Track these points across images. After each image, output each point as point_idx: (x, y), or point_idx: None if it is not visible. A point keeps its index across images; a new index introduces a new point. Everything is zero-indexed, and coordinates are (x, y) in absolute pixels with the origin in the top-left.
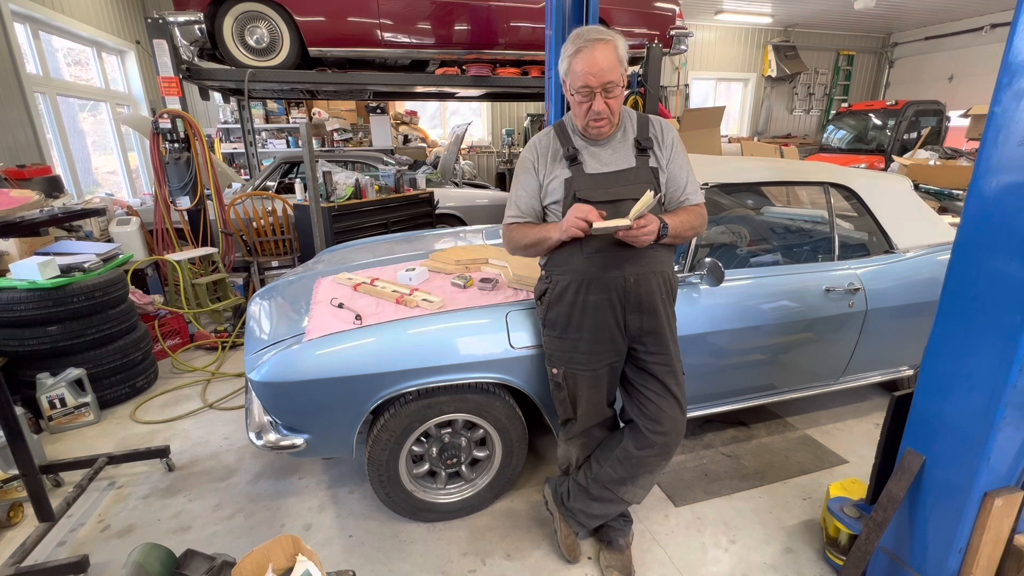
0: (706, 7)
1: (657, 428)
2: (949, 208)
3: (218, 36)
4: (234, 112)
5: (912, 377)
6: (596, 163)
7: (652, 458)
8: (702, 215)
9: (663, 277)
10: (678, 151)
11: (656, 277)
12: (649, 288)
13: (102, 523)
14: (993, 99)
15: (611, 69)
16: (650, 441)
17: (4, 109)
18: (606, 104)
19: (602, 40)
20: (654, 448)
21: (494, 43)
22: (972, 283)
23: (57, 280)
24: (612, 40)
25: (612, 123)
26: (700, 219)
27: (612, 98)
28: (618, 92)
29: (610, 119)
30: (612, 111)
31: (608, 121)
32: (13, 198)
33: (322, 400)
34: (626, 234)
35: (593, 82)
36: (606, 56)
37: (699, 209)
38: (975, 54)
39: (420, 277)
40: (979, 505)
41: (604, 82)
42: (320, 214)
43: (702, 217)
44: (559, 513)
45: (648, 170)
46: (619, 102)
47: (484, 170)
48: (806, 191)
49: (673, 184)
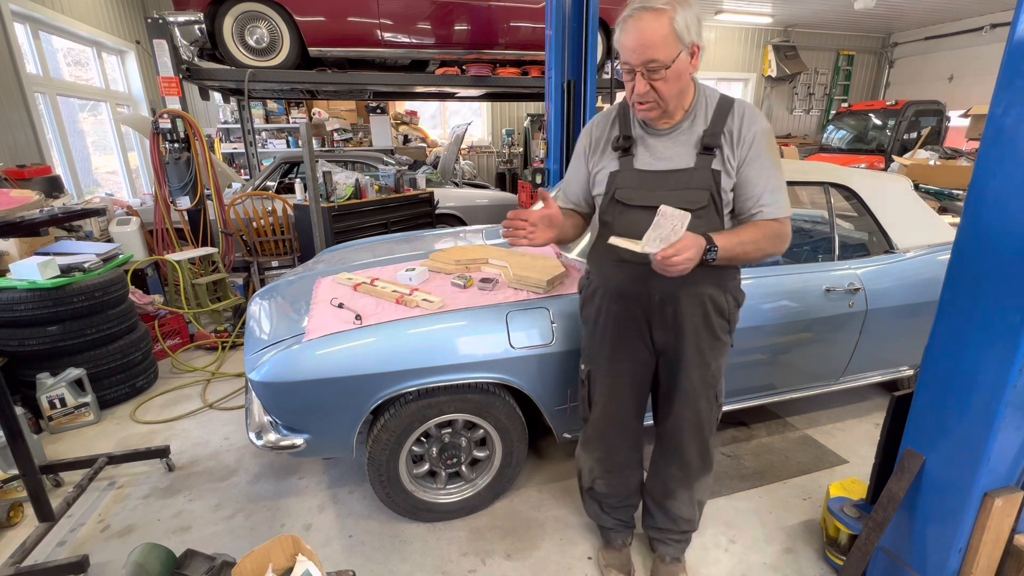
0: (706, 7)
1: (662, 453)
2: (949, 208)
3: (218, 36)
4: (234, 112)
5: (912, 377)
6: (649, 157)
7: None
8: (778, 233)
9: (705, 298)
10: (759, 151)
11: (692, 298)
12: (679, 310)
13: (102, 523)
14: (993, 99)
15: (656, 45)
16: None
17: (4, 109)
18: (651, 86)
19: (652, 9)
20: (657, 474)
21: (494, 43)
22: (972, 283)
23: (57, 280)
24: (667, 10)
25: (663, 109)
26: (773, 238)
27: (659, 80)
28: (668, 74)
29: (659, 103)
30: (661, 95)
31: (657, 106)
32: (13, 198)
33: (322, 400)
34: (654, 262)
35: (633, 59)
36: (654, 28)
37: (773, 226)
38: (975, 54)
39: (420, 277)
40: (979, 505)
41: (645, 60)
42: (320, 214)
43: (777, 236)
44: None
45: (708, 173)
46: (672, 85)
47: (484, 170)
48: (806, 191)
49: (743, 192)
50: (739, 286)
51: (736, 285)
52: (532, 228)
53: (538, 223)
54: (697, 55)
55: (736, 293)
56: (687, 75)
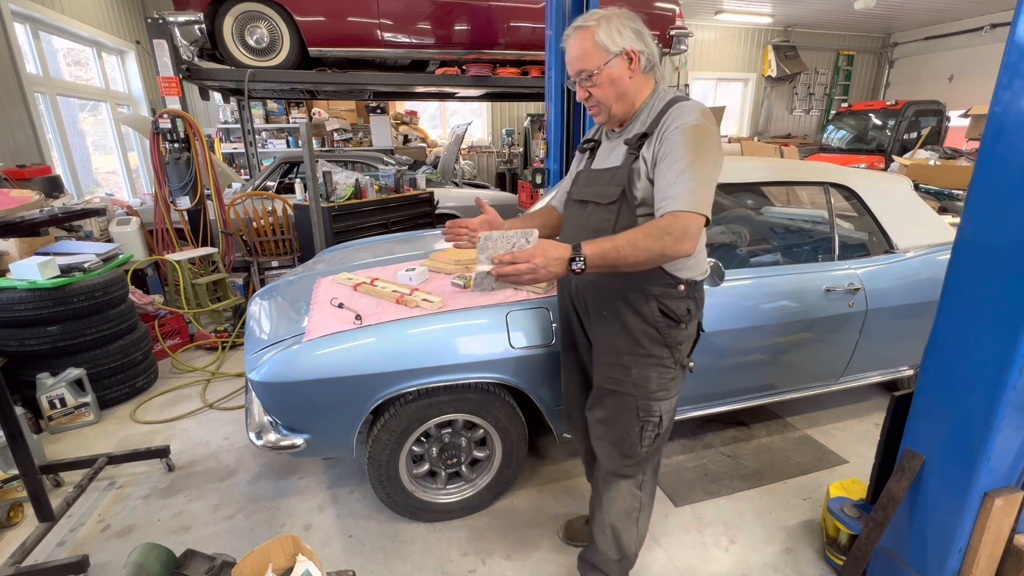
0: (706, 7)
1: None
2: (949, 208)
3: (218, 36)
4: (234, 112)
5: (912, 377)
6: (601, 157)
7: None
8: (664, 229)
9: (613, 293)
10: (671, 147)
11: (601, 291)
12: (589, 299)
13: (102, 523)
14: (993, 99)
15: (582, 57)
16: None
17: (4, 109)
18: (589, 93)
19: (577, 28)
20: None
21: (494, 43)
22: (972, 283)
23: (57, 280)
24: (591, 26)
25: (608, 112)
26: (656, 235)
27: (594, 87)
28: (599, 80)
29: (600, 107)
30: (600, 100)
31: (600, 110)
32: (13, 198)
33: (322, 400)
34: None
35: (571, 72)
36: (579, 44)
37: (659, 223)
38: (975, 54)
39: (420, 277)
40: (979, 505)
41: (577, 71)
42: (320, 214)
43: (663, 231)
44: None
45: (627, 171)
46: (607, 90)
47: (484, 170)
48: (806, 191)
49: (656, 190)
50: (677, 297)
51: (671, 295)
52: (472, 232)
53: (478, 228)
54: (636, 60)
55: (669, 302)
56: (624, 80)
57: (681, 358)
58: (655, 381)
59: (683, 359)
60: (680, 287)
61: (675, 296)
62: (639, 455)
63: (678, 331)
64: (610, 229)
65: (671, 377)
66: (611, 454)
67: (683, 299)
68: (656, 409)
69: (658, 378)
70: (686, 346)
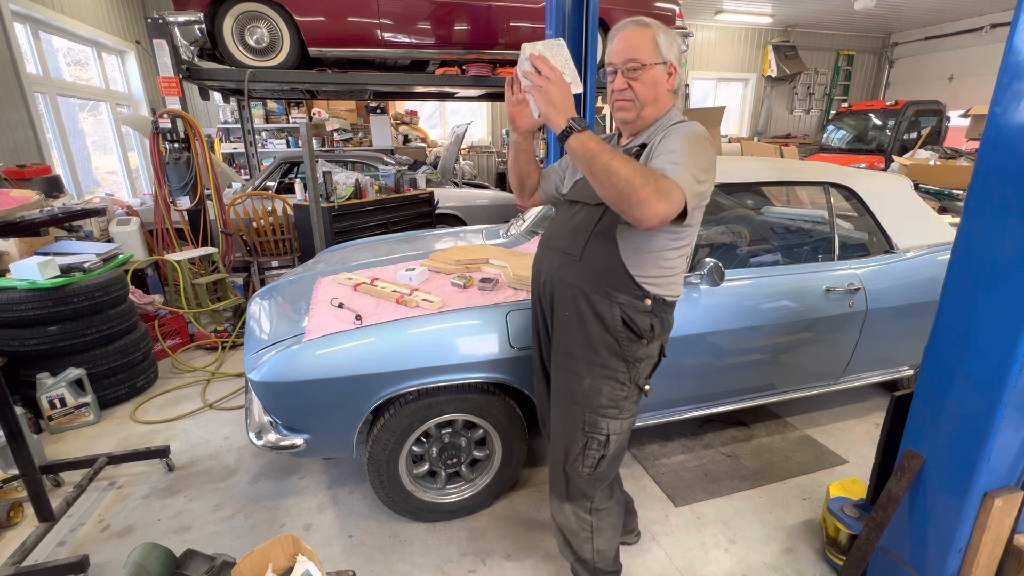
0: (706, 7)
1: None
2: (949, 208)
3: (218, 36)
4: (234, 112)
5: (912, 377)
6: None
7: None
8: (656, 181)
9: (577, 292)
10: (671, 140)
11: (565, 288)
12: (554, 296)
13: (102, 523)
14: (993, 99)
15: (637, 48)
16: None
17: (4, 109)
18: (628, 85)
19: (638, 23)
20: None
21: (494, 43)
22: (972, 283)
23: (57, 280)
24: (651, 26)
25: (637, 110)
26: (646, 180)
27: (635, 80)
28: (644, 76)
29: (634, 102)
30: (636, 95)
31: (632, 105)
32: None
33: (322, 400)
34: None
35: (617, 59)
36: (638, 35)
37: (657, 175)
38: (975, 54)
39: (420, 277)
40: (979, 505)
41: (626, 59)
42: (320, 214)
43: (654, 180)
44: None
45: None
46: (647, 89)
47: (484, 170)
48: (806, 191)
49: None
50: (642, 310)
51: (635, 305)
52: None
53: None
54: (674, 76)
55: (633, 313)
56: (662, 87)
57: (638, 377)
58: (606, 395)
59: (640, 379)
60: (646, 301)
61: (640, 308)
62: (581, 475)
63: (638, 346)
64: (590, 228)
65: (624, 395)
66: (557, 467)
67: (647, 313)
68: (603, 427)
69: (610, 392)
70: (645, 365)
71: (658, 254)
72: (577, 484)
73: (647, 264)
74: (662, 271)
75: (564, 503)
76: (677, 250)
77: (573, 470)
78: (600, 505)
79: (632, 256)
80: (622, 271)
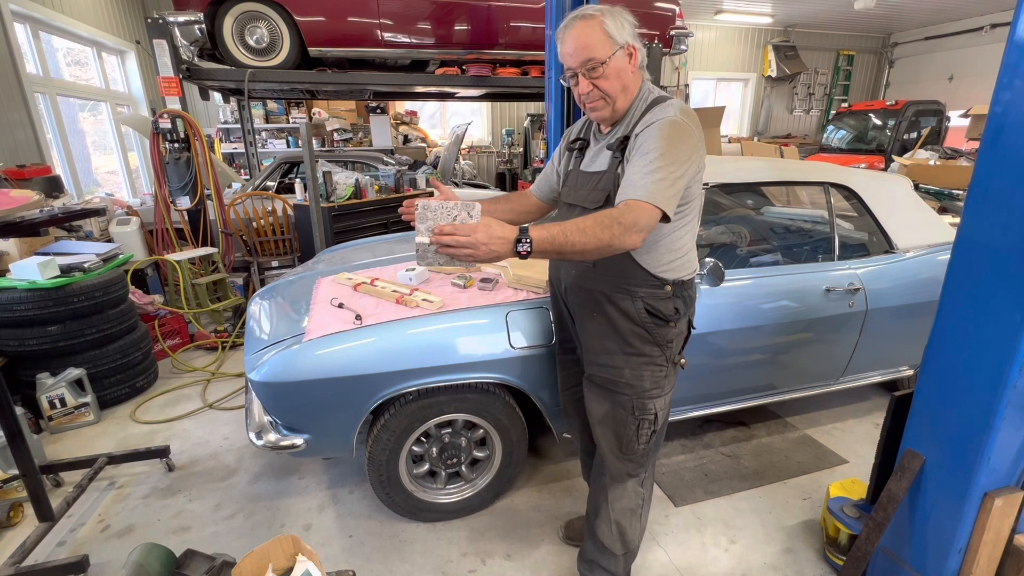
0: (706, 7)
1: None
2: (949, 208)
3: (218, 36)
4: (234, 112)
5: (912, 377)
6: (588, 159)
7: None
8: (614, 218)
9: (599, 296)
10: (646, 136)
11: (584, 293)
12: (575, 301)
13: (102, 523)
14: (993, 99)
15: (590, 46)
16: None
17: (4, 109)
18: (593, 85)
19: (581, 18)
20: (592, 481)
21: (494, 43)
22: (972, 283)
23: (57, 280)
24: (596, 16)
25: (611, 106)
26: (605, 224)
27: (598, 78)
28: (607, 71)
29: (605, 100)
30: (605, 92)
31: (604, 103)
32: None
33: (322, 400)
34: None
35: (572, 62)
36: (587, 32)
37: (611, 211)
38: (975, 54)
39: (420, 277)
40: (979, 505)
41: (582, 60)
42: (320, 214)
43: (613, 220)
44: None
45: (613, 176)
46: (613, 82)
47: (484, 170)
48: (806, 191)
49: (623, 178)
50: (664, 297)
51: (657, 295)
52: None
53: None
54: (635, 56)
55: (656, 302)
56: (627, 74)
57: (672, 355)
58: (648, 379)
59: (674, 356)
60: (666, 287)
61: (662, 297)
62: (638, 452)
63: (667, 329)
64: None
65: (664, 375)
66: (613, 454)
67: (670, 299)
68: (651, 407)
69: (651, 376)
70: (677, 343)
71: (667, 239)
72: (635, 461)
73: (659, 252)
74: (675, 254)
75: (626, 482)
76: (684, 227)
77: (629, 449)
78: (648, 474)
79: (642, 251)
80: (637, 268)
